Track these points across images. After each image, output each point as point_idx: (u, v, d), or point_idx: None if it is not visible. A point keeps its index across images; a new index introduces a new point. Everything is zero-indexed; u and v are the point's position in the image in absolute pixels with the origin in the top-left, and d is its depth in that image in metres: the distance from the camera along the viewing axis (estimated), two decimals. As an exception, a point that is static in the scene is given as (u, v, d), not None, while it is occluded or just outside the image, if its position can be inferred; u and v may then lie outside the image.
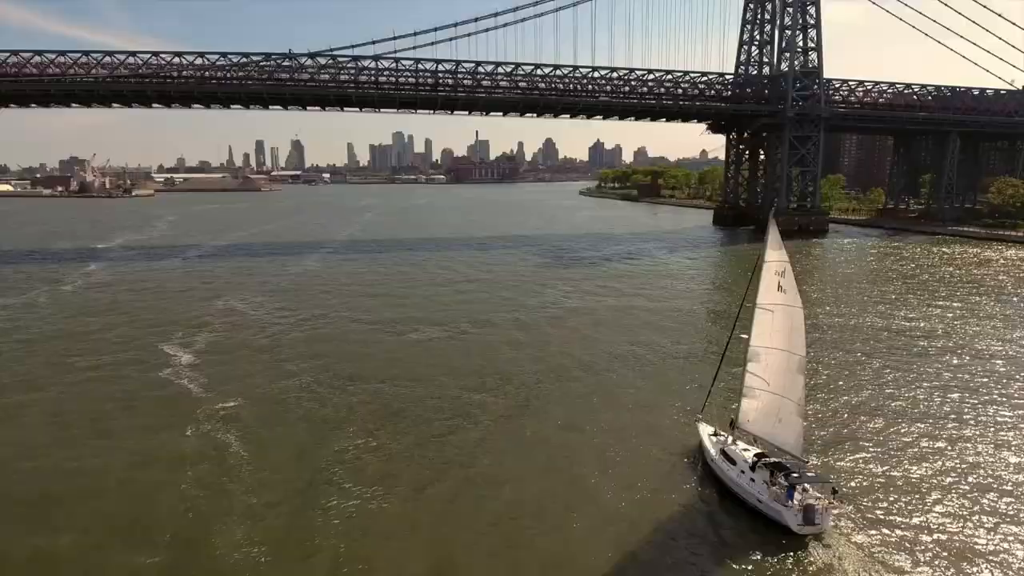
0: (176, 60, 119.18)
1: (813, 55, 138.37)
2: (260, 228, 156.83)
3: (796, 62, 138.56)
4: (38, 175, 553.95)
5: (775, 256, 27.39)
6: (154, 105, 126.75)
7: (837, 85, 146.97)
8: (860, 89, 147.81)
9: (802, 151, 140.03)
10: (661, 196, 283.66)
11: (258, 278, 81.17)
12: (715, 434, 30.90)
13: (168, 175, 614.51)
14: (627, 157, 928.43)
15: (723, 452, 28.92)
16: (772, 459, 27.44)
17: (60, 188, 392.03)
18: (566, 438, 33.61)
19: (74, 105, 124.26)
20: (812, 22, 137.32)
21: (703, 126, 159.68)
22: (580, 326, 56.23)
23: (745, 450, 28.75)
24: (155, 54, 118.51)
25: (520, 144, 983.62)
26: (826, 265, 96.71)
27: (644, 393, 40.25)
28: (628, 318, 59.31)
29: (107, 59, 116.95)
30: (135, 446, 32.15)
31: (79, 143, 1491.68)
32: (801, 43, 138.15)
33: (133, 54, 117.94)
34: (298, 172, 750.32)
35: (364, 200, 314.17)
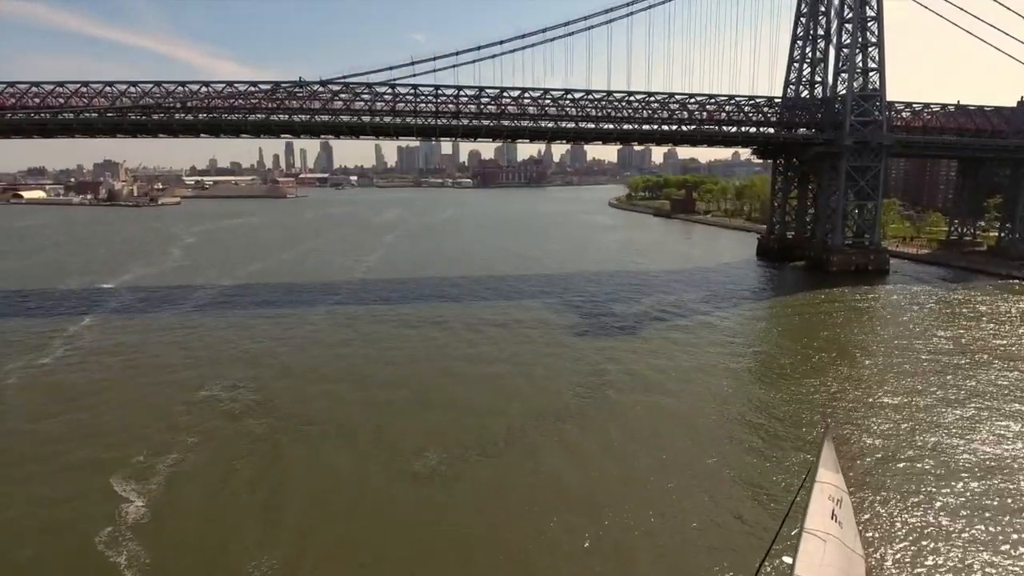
0: (179, 90, 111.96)
1: (874, 76, 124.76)
2: (276, 258, 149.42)
3: (855, 84, 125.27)
4: (73, 179, 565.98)
5: (830, 478, 21.47)
6: (160, 135, 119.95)
7: (900, 108, 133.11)
8: (926, 112, 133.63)
9: (860, 182, 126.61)
10: (696, 211, 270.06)
11: (254, 352, 72.57)
12: None
13: (199, 178, 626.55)
14: (656, 159, 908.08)
15: None
16: None
17: (90, 195, 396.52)
18: None
19: (76, 136, 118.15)
20: (873, 40, 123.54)
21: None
22: (576, 490, 41.19)
23: None
24: (158, 84, 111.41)
25: (548, 145, 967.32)
26: (889, 334, 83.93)
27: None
28: (642, 468, 44.01)
29: (107, 89, 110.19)
30: None
31: (116, 143, 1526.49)
32: (860, 63, 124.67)
33: (135, 84, 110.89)
34: (325, 175, 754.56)
35: (388, 213, 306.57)
